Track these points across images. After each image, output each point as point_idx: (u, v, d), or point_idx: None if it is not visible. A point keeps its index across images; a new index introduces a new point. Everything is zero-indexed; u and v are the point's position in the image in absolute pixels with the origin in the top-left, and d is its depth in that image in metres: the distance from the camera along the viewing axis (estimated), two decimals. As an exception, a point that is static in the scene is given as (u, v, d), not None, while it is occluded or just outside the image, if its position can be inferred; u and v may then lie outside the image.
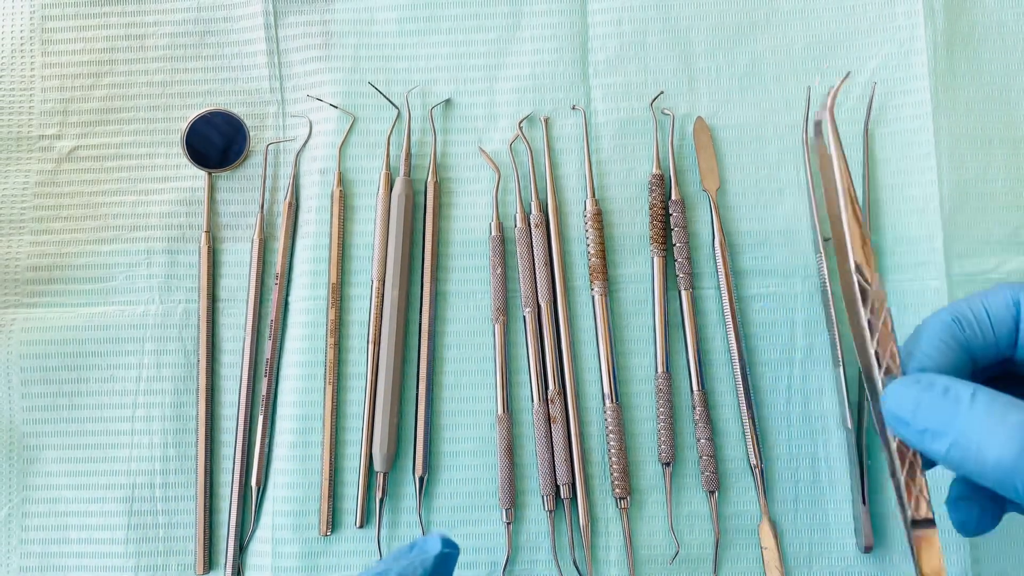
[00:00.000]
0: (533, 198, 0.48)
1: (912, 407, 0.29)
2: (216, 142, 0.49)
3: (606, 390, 0.45)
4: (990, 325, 0.32)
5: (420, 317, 0.47)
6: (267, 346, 0.47)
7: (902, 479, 0.31)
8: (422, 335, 0.46)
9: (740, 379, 0.45)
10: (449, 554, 0.32)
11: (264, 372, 0.47)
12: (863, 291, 0.32)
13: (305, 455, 0.46)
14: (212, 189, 0.49)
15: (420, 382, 0.46)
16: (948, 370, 0.32)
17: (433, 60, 0.49)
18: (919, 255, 0.46)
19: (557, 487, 0.45)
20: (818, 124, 0.34)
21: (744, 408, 0.45)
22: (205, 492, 0.46)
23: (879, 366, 0.32)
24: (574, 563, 0.44)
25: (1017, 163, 0.47)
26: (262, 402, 0.46)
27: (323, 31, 0.50)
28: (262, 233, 0.48)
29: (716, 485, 0.44)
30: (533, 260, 0.47)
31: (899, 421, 0.30)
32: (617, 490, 0.44)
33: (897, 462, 0.31)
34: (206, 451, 0.46)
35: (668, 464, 0.45)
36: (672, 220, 0.47)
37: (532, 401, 0.46)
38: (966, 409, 0.28)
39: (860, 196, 0.47)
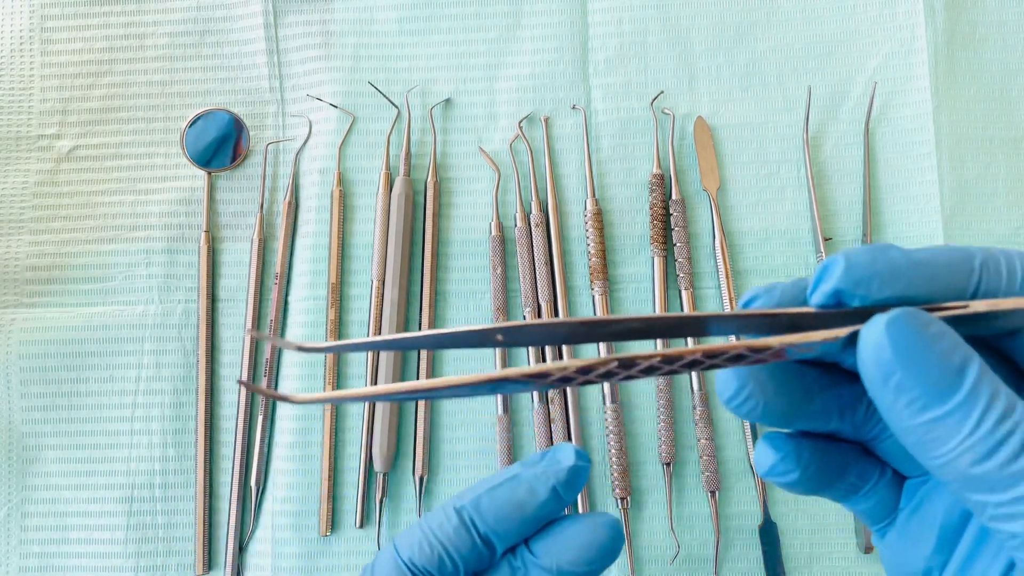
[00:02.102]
0: (533, 198, 0.47)
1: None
2: (216, 142, 0.49)
3: (606, 390, 0.45)
4: None
5: (420, 317, 0.47)
6: (267, 346, 0.47)
7: None
8: (422, 335, 0.46)
9: (740, 379, 0.45)
10: (583, 467, 0.28)
11: (264, 372, 0.47)
12: None
13: (305, 455, 0.46)
14: (212, 189, 0.49)
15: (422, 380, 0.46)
16: None
17: (433, 59, 0.49)
18: (920, 255, 0.46)
19: (557, 487, 0.45)
20: None
21: (744, 408, 0.45)
22: (205, 492, 0.46)
23: None
24: (574, 563, 0.44)
25: (1018, 163, 0.47)
26: (262, 402, 0.46)
27: (323, 30, 0.50)
28: (262, 233, 0.48)
29: (717, 485, 0.44)
30: (533, 260, 0.47)
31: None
32: (617, 490, 0.44)
33: None
34: (206, 451, 0.46)
35: (669, 464, 0.45)
36: (672, 220, 0.47)
37: (532, 401, 0.46)
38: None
39: (861, 195, 0.47)
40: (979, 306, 0.21)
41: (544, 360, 0.46)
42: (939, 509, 0.25)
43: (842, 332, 0.21)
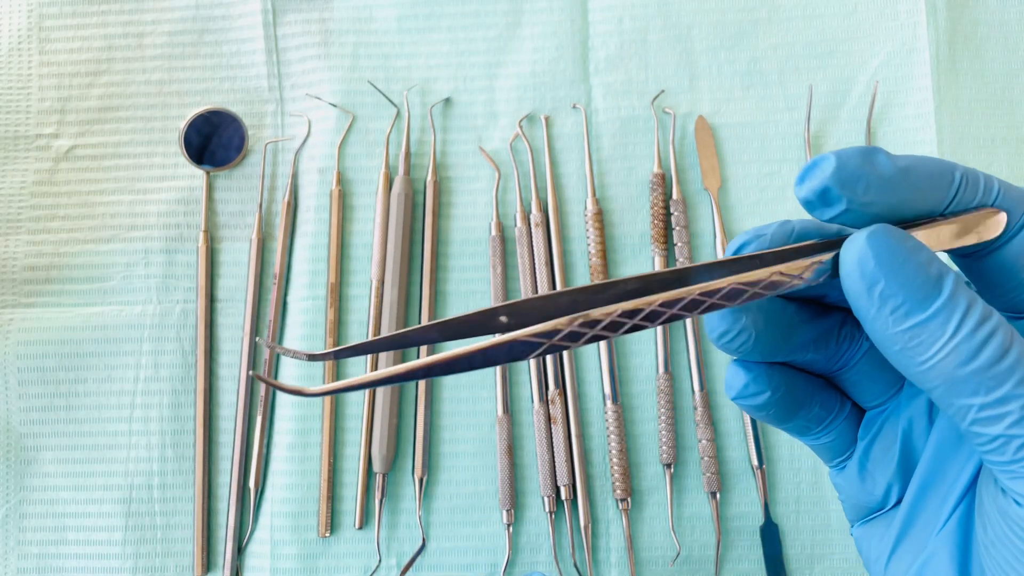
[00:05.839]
0: (533, 197, 0.47)
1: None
2: (214, 141, 0.49)
3: (607, 390, 0.45)
4: None
5: (420, 317, 0.46)
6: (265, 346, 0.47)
7: None
8: (422, 335, 0.46)
9: (742, 379, 0.45)
10: None
11: (262, 372, 0.46)
12: None
13: (304, 456, 0.45)
14: (210, 188, 0.49)
15: (420, 382, 0.46)
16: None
17: (433, 58, 0.49)
18: (921, 255, 0.46)
19: (557, 488, 0.45)
20: None
21: (746, 408, 0.45)
22: (203, 493, 0.46)
23: None
24: (575, 565, 0.44)
25: (1020, 162, 0.47)
26: (260, 402, 0.46)
27: (322, 29, 0.50)
28: (260, 232, 0.48)
29: (718, 486, 0.44)
30: (533, 260, 0.47)
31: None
32: (618, 491, 0.44)
33: None
34: (204, 452, 0.46)
35: (669, 465, 0.45)
36: (673, 219, 0.46)
37: (532, 402, 0.46)
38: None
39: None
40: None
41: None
42: (898, 432, 0.26)
43: (826, 256, 0.22)
